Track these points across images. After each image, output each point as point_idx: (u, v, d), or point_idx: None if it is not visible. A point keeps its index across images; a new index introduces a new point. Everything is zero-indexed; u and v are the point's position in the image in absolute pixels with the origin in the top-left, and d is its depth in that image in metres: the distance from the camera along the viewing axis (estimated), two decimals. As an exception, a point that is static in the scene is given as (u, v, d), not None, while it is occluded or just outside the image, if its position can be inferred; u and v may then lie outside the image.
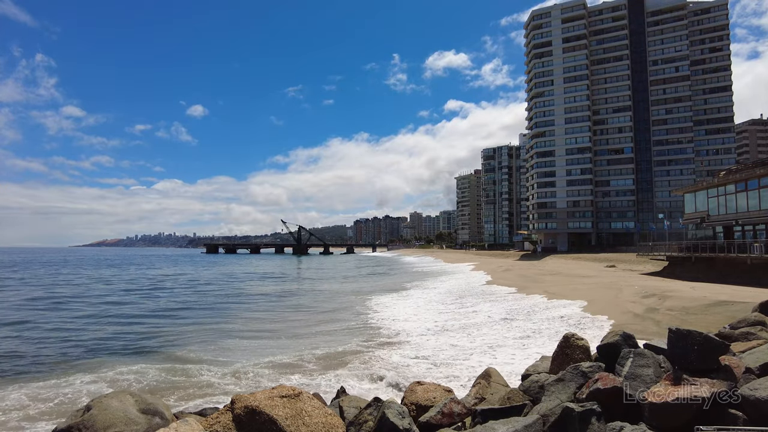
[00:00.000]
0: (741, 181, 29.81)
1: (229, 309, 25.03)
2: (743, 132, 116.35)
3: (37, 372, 12.29)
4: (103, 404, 5.12)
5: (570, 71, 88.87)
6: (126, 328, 19.19)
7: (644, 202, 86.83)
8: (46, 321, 20.86)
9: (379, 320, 19.89)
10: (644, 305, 18.33)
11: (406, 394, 5.93)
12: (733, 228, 30.35)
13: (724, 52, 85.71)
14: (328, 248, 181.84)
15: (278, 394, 5.01)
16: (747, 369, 4.67)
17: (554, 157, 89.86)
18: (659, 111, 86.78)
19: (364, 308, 24.02)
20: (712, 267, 28.65)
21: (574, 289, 25.11)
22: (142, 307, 26.19)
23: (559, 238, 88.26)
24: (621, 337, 5.60)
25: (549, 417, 4.43)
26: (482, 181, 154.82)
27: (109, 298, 30.13)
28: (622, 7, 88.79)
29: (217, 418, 4.77)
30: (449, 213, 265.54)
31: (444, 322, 18.64)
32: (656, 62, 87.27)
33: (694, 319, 14.64)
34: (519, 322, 17.33)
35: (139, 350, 14.97)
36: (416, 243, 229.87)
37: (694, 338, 4.57)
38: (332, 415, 5.10)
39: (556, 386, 5.14)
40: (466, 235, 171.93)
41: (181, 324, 20.10)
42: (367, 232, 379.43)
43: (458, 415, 5.17)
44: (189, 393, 10.21)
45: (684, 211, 38.83)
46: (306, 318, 21.64)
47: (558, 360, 6.23)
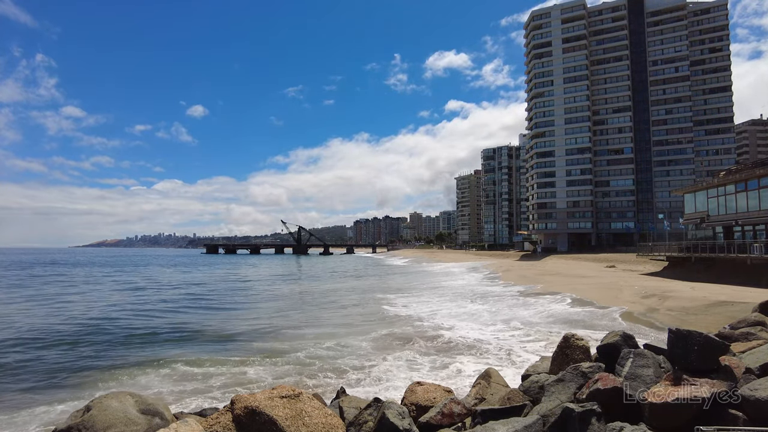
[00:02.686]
0: (741, 182, 29.81)
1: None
2: (743, 132, 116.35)
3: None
4: (103, 404, 5.11)
5: (570, 71, 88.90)
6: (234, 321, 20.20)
7: (644, 202, 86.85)
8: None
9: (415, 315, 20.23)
10: (644, 305, 18.34)
11: (406, 394, 5.94)
12: (733, 228, 30.36)
13: (723, 52, 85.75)
14: (328, 249, 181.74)
15: (278, 394, 5.01)
16: (747, 369, 4.67)
17: (554, 158, 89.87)
18: (659, 111, 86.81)
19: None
20: (712, 267, 28.66)
21: (573, 289, 25.11)
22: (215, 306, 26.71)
23: (559, 238, 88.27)
24: (621, 338, 5.60)
25: (549, 417, 4.43)
26: (482, 181, 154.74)
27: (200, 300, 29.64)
28: (621, 8, 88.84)
29: (217, 418, 4.77)
30: (449, 213, 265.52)
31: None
32: (656, 62, 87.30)
33: (694, 320, 14.65)
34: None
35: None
36: (416, 243, 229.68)
37: (694, 338, 4.56)
38: (332, 416, 5.10)
39: (556, 386, 5.13)
40: (466, 235, 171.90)
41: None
42: (367, 232, 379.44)
43: (458, 416, 5.17)
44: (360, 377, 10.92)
45: (684, 211, 38.84)
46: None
47: (558, 360, 6.24)
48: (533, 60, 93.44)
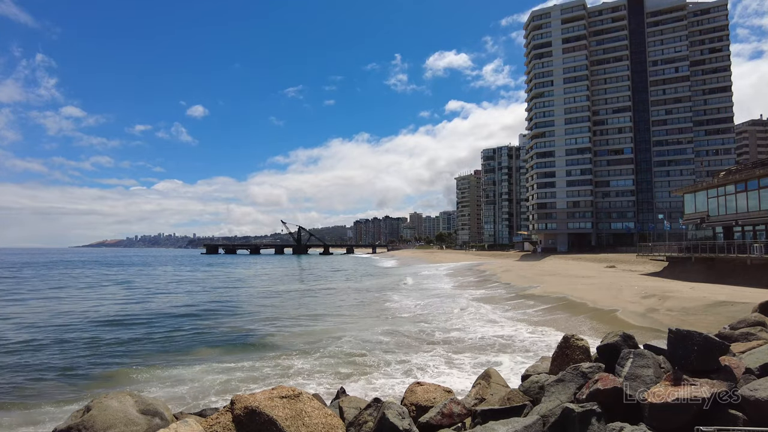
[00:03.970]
0: (741, 182, 29.80)
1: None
2: (743, 132, 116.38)
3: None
4: (103, 405, 5.11)
5: (570, 72, 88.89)
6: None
7: (644, 202, 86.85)
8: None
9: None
10: (644, 306, 18.33)
11: (406, 394, 5.93)
12: (732, 228, 30.36)
13: (723, 52, 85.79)
14: (328, 249, 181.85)
15: (278, 394, 5.01)
16: (747, 369, 4.67)
17: (554, 158, 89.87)
18: (659, 111, 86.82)
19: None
20: (712, 267, 28.65)
21: (573, 290, 25.09)
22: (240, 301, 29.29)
23: (559, 238, 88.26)
24: (621, 338, 5.59)
25: (549, 417, 4.42)
26: (482, 181, 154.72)
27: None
28: (621, 8, 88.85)
29: (217, 418, 4.77)
30: (449, 213, 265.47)
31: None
32: (656, 63, 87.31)
33: (694, 320, 14.64)
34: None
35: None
36: (416, 243, 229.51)
37: (694, 339, 4.56)
38: (332, 416, 5.10)
39: (556, 387, 5.13)
40: (466, 235, 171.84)
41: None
42: (367, 232, 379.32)
43: (458, 416, 5.17)
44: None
45: (684, 211, 38.83)
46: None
47: (558, 360, 6.23)
48: (533, 60, 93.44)
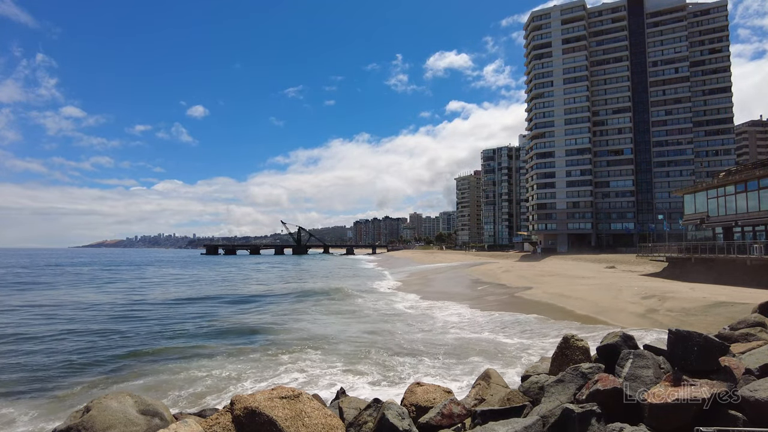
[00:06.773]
0: (740, 182, 29.82)
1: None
2: (743, 133, 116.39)
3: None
4: (103, 405, 5.11)
5: (570, 72, 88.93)
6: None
7: (644, 203, 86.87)
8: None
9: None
10: (644, 306, 18.33)
11: (406, 395, 5.93)
12: (732, 229, 30.37)
13: (723, 53, 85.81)
14: (328, 249, 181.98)
15: (278, 395, 5.00)
16: (747, 370, 4.67)
17: (554, 158, 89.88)
18: (659, 112, 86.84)
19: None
20: (712, 268, 28.64)
21: (573, 290, 25.09)
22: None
23: (559, 238, 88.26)
24: (621, 338, 5.60)
25: (549, 418, 4.43)
26: (482, 182, 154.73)
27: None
28: (621, 8, 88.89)
29: (217, 419, 4.77)
30: (449, 214, 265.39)
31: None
32: (656, 63, 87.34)
33: (693, 320, 14.64)
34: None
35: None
36: (416, 244, 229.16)
37: (693, 339, 4.56)
38: (332, 416, 5.10)
39: (555, 387, 5.13)
40: (465, 236, 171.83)
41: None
42: (367, 232, 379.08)
43: (458, 416, 5.17)
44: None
45: (684, 212, 38.82)
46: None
47: (558, 361, 6.23)
48: (533, 61, 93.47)
